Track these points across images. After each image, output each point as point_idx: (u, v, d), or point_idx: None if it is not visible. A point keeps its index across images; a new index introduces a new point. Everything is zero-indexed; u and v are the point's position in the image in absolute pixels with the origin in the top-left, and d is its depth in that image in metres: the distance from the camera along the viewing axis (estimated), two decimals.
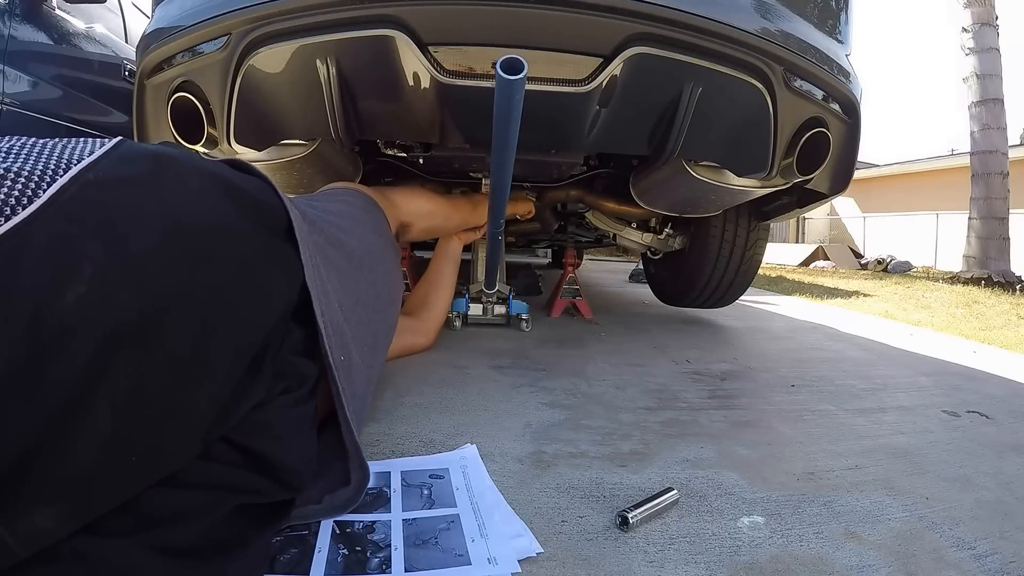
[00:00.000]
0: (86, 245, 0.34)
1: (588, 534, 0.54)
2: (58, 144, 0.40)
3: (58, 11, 2.08)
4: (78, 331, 0.32)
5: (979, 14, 5.72)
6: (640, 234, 1.72)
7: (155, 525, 0.37)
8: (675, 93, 0.92)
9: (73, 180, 0.36)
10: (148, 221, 0.38)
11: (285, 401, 0.48)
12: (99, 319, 0.33)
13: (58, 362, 0.31)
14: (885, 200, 12.90)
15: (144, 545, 0.36)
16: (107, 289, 0.34)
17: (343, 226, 0.72)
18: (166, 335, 0.36)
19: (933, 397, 1.11)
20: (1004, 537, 0.58)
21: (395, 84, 0.90)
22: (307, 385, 0.51)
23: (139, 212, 0.38)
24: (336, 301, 0.60)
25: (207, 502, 0.40)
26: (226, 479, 0.42)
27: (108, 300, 0.34)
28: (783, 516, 0.59)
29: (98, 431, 0.33)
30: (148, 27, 1.04)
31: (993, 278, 5.28)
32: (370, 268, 0.70)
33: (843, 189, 1.18)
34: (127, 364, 0.34)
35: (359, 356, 0.63)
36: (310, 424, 0.52)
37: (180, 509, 0.39)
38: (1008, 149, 5.80)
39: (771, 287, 3.93)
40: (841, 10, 1.11)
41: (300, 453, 0.49)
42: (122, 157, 0.41)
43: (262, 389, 0.44)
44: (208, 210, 0.43)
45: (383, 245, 0.80)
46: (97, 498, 0.34)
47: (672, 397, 1.00)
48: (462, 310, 1.54)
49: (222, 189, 0.46)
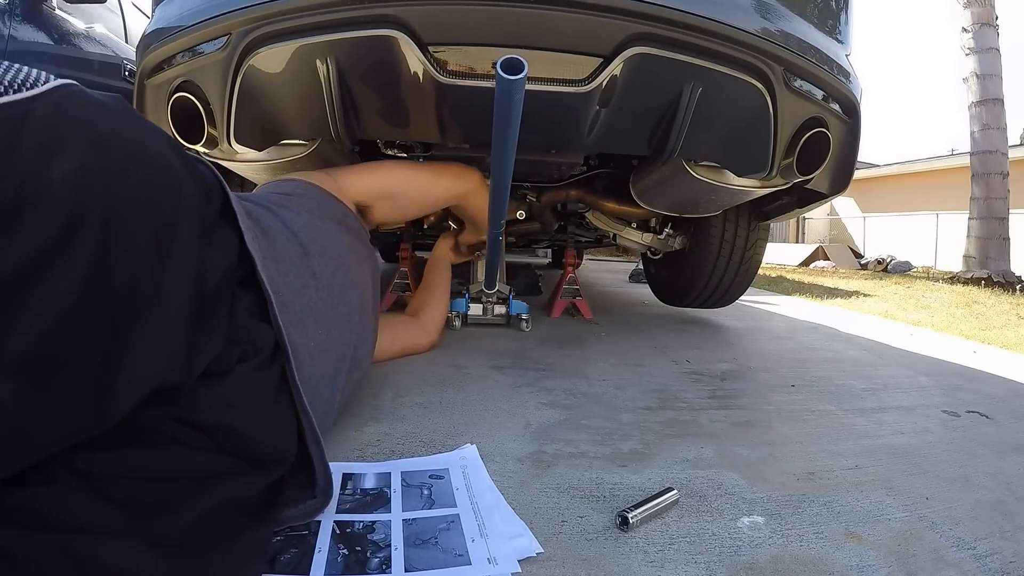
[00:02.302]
0: (73, 131, 0.37)
1: (588, 534, 0.54)
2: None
3: (58, 11, 2.08)
4: (55, 201, 0.33)
5: (979, 14, 5.72)
6: (640, 234, 1.72)
7: (140, 520, 0.37)
8: (675, 93, 0.92)
9: (63, 85, 0.39)
10: (122, 135, 0.41)
11: (244, 369, 0.48)
12: (73, 198, 0.34)
13: (30, 228, 0.32)
14: (885, 200, 12.90)
15: (134, 538, 0.36)
16: (85, 175, 0.35)
17: (283, 215, 0.70)
18: (126, 243, 0.37)
19: (933, 397, 1.11)
20: (1004, 537, 0.58)
21: (395, 84, 0.90)
22: (264, 351, 0.51)
23: (116, 128, 0.41)
24: (279, 274, 0.59)
25: (187, 492, 0.40)
26: (199, 466, 0.42)
27: (83, 184, 0.35)
28: (783, 516, 0.59)
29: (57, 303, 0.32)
30: (148, 27, 1.04)
31: (993, 278, 5.28)
32: (319, 253, 0.69)
33: (843, 189, 1.18)
34: (86, 249, 0.34)
35: (315, 337, 0.62)
36: (275, 393, 0.52)
37: (161, 502, 0.39)
38: (1008, 149, 5.81)
39: (771, 287, 3.93)
40: (841, 10, 1.11)
41: (268, 422, 0.49)
42: (93, 86, 0.44)
43: (218, 342, 0.45)
44: (167, 158, 0.45)
45: (333, 229, 0.78)
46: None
47: (672, 397, 1.00)
48: (462, 310, 1.54)
49: (175, 150, 0.47)
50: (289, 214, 0.70)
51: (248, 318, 0.52)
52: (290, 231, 0.67)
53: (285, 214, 0.69)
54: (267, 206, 0.69)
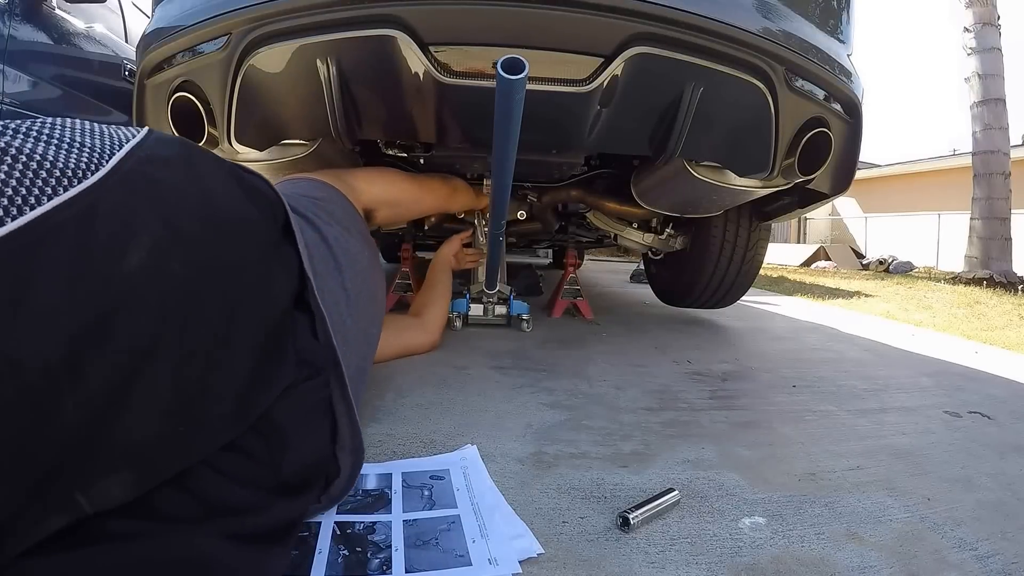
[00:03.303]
0: (146, 215, 0.37)
1: (589, 535, 0.54)
2: (101, 126, 0.44)
3: (58, 11, 2.08)
4: (140, 295, 0.35)
5: (981, 14, 5.71)
6: (641, 234, 1.72)
7: (218, 515, 0.40)
8: (676, 93, 0.92)
9: (129, 155, 0.40)
10: (190, 200, 0.42)
11: (309, 387, 0.50)
12: (156, 285, 0.36)
13: (125, 324, 0.34)
14: (887, 200, 12.88)
15: (212, 532, 0.39)
16: (162, 258, 0.37)
17: (320, 226, 0.71)
18: (205, 307, 0.39)
19: (935, 398, 1.10)
20: (1006, 538, 0.57)
21: (396, 84, 0.90)
22: (325, 373, 0.53)
23: (183, 191, 0.42)
24: (327, 290, 0.61)
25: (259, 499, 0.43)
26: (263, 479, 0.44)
27: (163, 269, 0.36)
28: (784, 517, 0.59)
29: (158, 398, 0.35)
30: (148, 27, 1.04)
31: (995, 278, 5.26)
32: (348, 265, 0.70)
33: (845, 189, 1.18)
34: (177, 331, 0.37)
35: (344, 355, 0.63)
36: (321, 415, 0.53)
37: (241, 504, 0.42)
38: (1010, 149, 5.80)
39: (772, 287, 3.92)
40: (843, 10, 1.11)
41: (312, 446, 0.51)
42: (158, 140, 0.45)
43: (289, 373, 0.47)
44: (231, 197, 0.47)
45: (359, 242, 0.80)
46: (159, 466, 0.37)
47: (673, 398, 1.00)
48: (463, 310, 1.54)
49: (235, 180, 0.49)
50: (323, 225, 0.70)
51: (307, 339, 0.53)
52: (326, 244, 0.67)
53: (320, 224, 0.69)
54: (304, 215, 0.69)
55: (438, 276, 1.41)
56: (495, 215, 1.05)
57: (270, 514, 0.44)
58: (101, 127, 0.43)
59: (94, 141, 0.39)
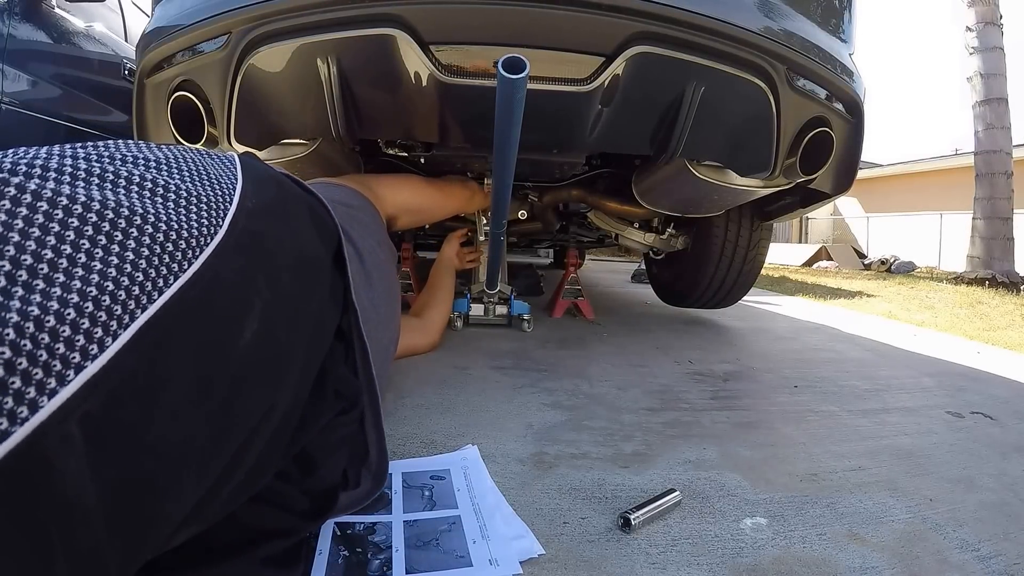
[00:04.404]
0: (257, 280, 0.35)
1: (590, 535, 0.54)
2: (195, 158, 0.40)
3: (58, 10, 2.08)
4: (257, 369, 0.34)
5: (983, 13, 5.70)
6: (642, 234, 1.71)
7: (262, 541, 0.41)
8: (678, 92, 0.92)
9: (240, 209, 0.37)
10: (288, 252, 0.40)
11: (342, 421, 0.51)
12: (268, 358, 0.35)
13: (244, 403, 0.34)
14: (889, 200, 12.86)
15: (254, 559, 0.40)
16: (271, 325, 0.36)
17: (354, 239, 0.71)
18: (297, 367, 0.40)
19: (937, 398, 1.10)
20: (1008, 539, 0.57)
21: (396, 83, 0.89)
22: (360, 406, 0.53)
23: (282, 243, 0.40)
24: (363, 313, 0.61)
25: (292, 523, 0.44)
26: (296, 504, 0.45)
27: (272, 336, 0.36)
28: (786, 517, 0.59)
29: (245, 464, 0.36)
30: (148, 26, 1.03)
31: (997, 278, 5.25)
32: (378, 280, 0.70)
33: (846, 189, 1.17)
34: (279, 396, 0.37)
35: (380, 367, 0.64)
36: (353, 441, 0.54)
37: (278, 528, 0.43)
38: (1012, 149, 5.78)
39: (774, 287, 3.92)
40: (844, 9, 1.10)
41: (340, 471, 0.52)
42: (256, 181, 0.42)
43: (328, 410, 0.48)
44: (310, 237, 0.46)
45: (387, 256, 0.80)
46: (220, 512, 0.37)
47: (674, 398, 1.00)
48: (464, 310, 1.54)
49: (309, 216, 0.48)
50: (358, 239, 0.70)
51: (342, 370, 0.53)
52: (360, 259, 0.67)
53: (356, 239, 0.69)
54: (346, 230, 0.69)
55: (441, 277, 1.41)
56: (496, 215, 1.05)
57: (298, 535, 0.44)
58: (193, 159, 0.39)
59: (200, 190, 0.35)
